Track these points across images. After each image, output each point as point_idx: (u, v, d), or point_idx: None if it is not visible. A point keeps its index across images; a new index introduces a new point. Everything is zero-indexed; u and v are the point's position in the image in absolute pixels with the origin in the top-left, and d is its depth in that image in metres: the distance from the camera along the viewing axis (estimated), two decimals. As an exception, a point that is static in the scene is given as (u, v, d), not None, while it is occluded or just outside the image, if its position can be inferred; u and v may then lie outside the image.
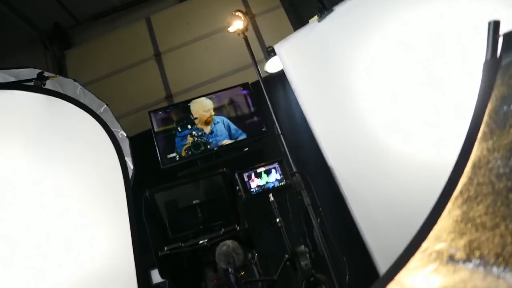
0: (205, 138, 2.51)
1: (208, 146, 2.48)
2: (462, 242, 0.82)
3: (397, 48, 1.87)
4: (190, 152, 2.49)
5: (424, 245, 0.88)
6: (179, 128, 2.56)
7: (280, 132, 2.43)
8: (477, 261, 0.75)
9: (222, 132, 2.54)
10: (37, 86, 1.99)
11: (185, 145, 2.48)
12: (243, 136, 2.49)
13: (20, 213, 1.71)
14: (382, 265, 1.92)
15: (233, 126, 2.53)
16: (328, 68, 2.12)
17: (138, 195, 1.91)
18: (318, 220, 2.21)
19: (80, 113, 2.01)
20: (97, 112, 2.15)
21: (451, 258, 0.80)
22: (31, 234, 1.72)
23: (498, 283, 0.69)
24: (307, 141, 2.74)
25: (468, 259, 0.78)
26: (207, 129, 2.57)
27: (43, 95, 1.96)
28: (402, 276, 0.86)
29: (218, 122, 2.57)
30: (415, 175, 1.80)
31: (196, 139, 2.50)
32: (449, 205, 0.94)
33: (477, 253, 0.78)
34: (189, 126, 2.56)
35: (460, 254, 0.80)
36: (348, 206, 2.04)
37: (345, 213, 2.09)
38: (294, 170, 2.31)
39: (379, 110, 1.93)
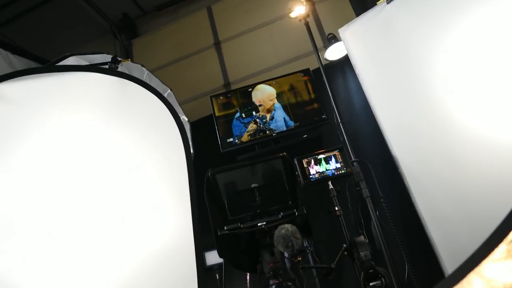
0: (267, 125, 2.53)
1: (268, 132, 2.49)
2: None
3: (477, 37, 1.71)
4: (251, 138, 2.53)
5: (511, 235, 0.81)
6: (243, 114, 2.60)
7: (340, 120, 2.37)
8: None
9: (281, 118, 2.53)
10: (111, 68, 2.12)
11: (248, 131, 2.51)
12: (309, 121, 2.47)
13: (93, 184, 1.85)
14: (448, 263, 1.81)
15: (288, 119, 2.52)
16: (396, 54, 2.01)
17: (197, 178, 1.97)
18: (377, 212, 2.14)
19: (148, 95, 2.12)
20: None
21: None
22: (99, 205, 1.85)
23: None
24: (367, 130, 2.64)
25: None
26: (268, 116, 2.58)
27: (116, 77, 2.10)
28: (484, 267, 0.80)
29: (277, 109, 2.57)
30: (490, 169, 1.66)
31: (260, 126, 2.53)
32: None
33: None
34: (253, 113, 2.59)
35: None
36: (412, 199, 1.94)
37: (407, 205, 1.99)
38: (354, 158, 2.25)
39: (452, 100, 1.80)
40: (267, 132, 2.51)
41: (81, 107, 1.95)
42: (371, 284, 1.74)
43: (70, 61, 2.44)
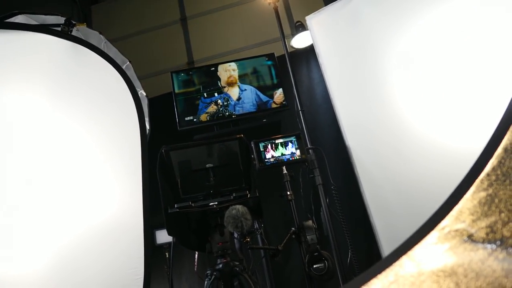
0: (230, 107, 2.49)
1: (227, 114, 2.46)
2: (483, 223, 0.80)
3: (437, 34, 1.79)
4: (209, 119, 2.48)
5: (443, 223, 0.86)
6: (205, 94, 2.54)
7: (300, 108, 2.41)
8: (498, 242, 0.73)
9: (250, 100, 2.49)
10: (64, 31, 1.98)
11: (207, 112, 2.46)
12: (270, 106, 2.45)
13: (38, 154, 1.74)
14: (387, 248, 1.92)
15: (262, 95, 2.48)
16: (358, 46, 2.06)
17: (151, 155, 1.92)
18: (327, 199, 2.21)
19: (104, 64, 2.01)
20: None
21: (470, 238, 0.79)
22: (46, 176, 1.76)
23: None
24: (326, 120, 2.70)
25: (487, 240, 0.76)
26: (234, 96, 2.54)
27: (68, 41, 1.96)
28: (416, 251, 0.85)
29: (245, 90, 2.53)
30: (435, 163, 1.76)
31: (220, 108, 2.49)
32: (473, 187, 0.91)
33: (498, 234, 0.76)
34: (216, 94, 2.53)
35: (479, 235, 0.78)
36: (361, 188, 2.02)
37: (356, 194, 2.07)
38: (310, 146, 2.30)
39: (407, 94, 1.88)
40: (227, 114, 2.48)
41: (28, 71, 1.81)
42: (314, 266, 1.81)
43: (19, 19, 2.25)
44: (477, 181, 0.92)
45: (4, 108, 1.73)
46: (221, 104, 2.51)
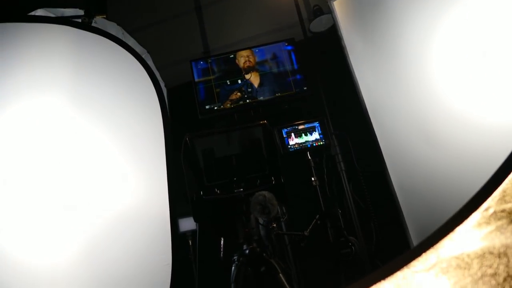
0: (253, 93, 2.45)
1: (249, 101, 2.44)
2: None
3: (468, 10, 1.70)
4: (233, 105, 2.46)
5: (486, 204, 0.83)
6: (228, 81, 2.52)
7: (322, 92, 2.37)
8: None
9: (271, 86, 2.44)
10: (84, 23, 1.99)
11: (231, 99, 2.43)
12: (290, 91, 2.41)
13: (63, 145, 1.77)
14: (414, 236, 1.89)
15: (283, 81, 2.43)
16: (385, 26, 1.99)
17: (174, 144, 1.92)
18: (351, 185, 2.18)
19: (125, 55, 2.01)
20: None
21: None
22: (73, 168, 1.78)
23: None
24: (349, 104, 2.64)
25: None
26: (255, 82, 2.50)
27: (90, 33, 1.97)
28: (458, 233, 0.82)
29: (266, 76, 2.48)
30: (465, 149, 1.70)
31: (245, 95, 2.47)
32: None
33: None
34: (239, 81, 2.51)
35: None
36: (387, 173, 1.98)
37: (383, 180, 2.04)
38: (333, 131, 2.27)
39: (435, 76, 1.81)
40: (248, 101, 2.45)
41: (51, 63, 1.83)
42: (341, 251, 1.80)
43: (38, 13, 2.26)
44: None
45: (30, 101, 1.75)
46: (244, 91, 2.49)
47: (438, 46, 1.83)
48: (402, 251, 0.89)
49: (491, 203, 0.85)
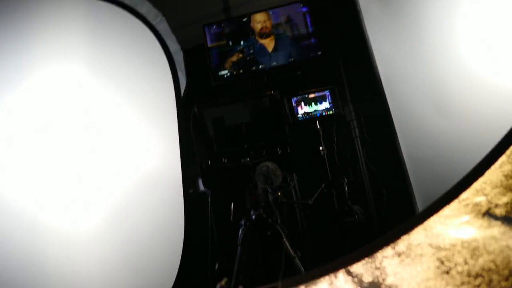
0: (265, 59, 2.38)
1: (260, 66, 2.39)
2: (505, 199, 0.77)
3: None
4: (235, 71, 2.42)
5: (464, 195, 0.84)
6: (230, 42, 2.47)
7: (339, 57, 2.30)
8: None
9: (285, 51, 2.38)
10: (95, -10, 2.00)
11: (231, 61, 2.38)
12: (304, 57, 2.32)
13: (78, 110, 1.87)
14: (421, 206, 1.90)
15: (297, 45, 2.35)
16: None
17: (189, 109, 1.97)
18: (364, 153, 2.18)
19: (136, 23, 2.03)
20: (153, 23, 2.16)
21: (489, 213, 0.76)
22: (87, 137, 1.89)
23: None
24: (363, 72, 2.55)
25: (507, 217, 0.73)
26: (269, 47, 2.43)
27: (102, 1, 1.99)
28: (433, 221, 0.85)
29: (281, 40, 2.41)
30: (478, 121, 1.64)
31: (247, 57, 2.42)
32: (502, 158, 0.86)
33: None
34: (242, 42, 2.44)
35: (499, 211, 0.75)
36: (398, 143, 1.96)
37: (393, 149, 2.02)
38: (349, 99, 2.23)
39: (458, 44, 1.70)
40: (254, 65, 2.38)
41: (66, 32, 1.88)
42: (345, 220, 1.85)
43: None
44: (508, 152, 0.87)
45: (47, 71, 1.83)
46: (246, 53, 2.43)
47: (463, 12, 1.70)
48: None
49: (469, 194, 0.86)
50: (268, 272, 1.78)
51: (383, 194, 2.17)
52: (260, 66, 2.42)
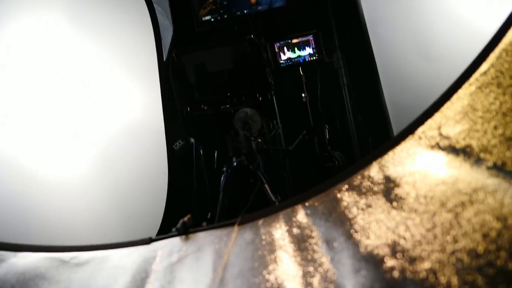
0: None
1: (245, 11, 2.26)
2: (457, 130, 0.76)
3: None
4: (219, 16, 2.26)
5: (421, 129, 0.84)
6: None
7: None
8: (467, 155, 0.71)
9: None
10: None
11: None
12: None
13: (59, 62, 1.83)
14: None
15: None
16: None
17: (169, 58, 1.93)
18: (352, 101, 2.16)
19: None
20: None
21: (438, 145, 0.77)
22: (69, 88, 1.86)
23: (477, 176, 0.66)
24: (348, 15, 2.44)
25: (456, 148, 0.74)
26: None
27: None
28: (386, 158, 0.85)
29: None
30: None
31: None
32: (460, 92, 0.85)
33: (467, 144, 0.73)
34: None
35: (450, 142, 0.76)
36: (381, 89, 1.93)
37: (377, 97, 1.99)
38: (337, 45, 2.16)
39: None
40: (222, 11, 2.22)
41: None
42: (325, 165, 1.88)
43: None
44: (466, 85, 0.85)
45: (26, 21, 1.77)
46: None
47: None
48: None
49: (424, 129, 0.86)
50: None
51: (369, 142, 2.18)
52: (245, 11, 2.31)
